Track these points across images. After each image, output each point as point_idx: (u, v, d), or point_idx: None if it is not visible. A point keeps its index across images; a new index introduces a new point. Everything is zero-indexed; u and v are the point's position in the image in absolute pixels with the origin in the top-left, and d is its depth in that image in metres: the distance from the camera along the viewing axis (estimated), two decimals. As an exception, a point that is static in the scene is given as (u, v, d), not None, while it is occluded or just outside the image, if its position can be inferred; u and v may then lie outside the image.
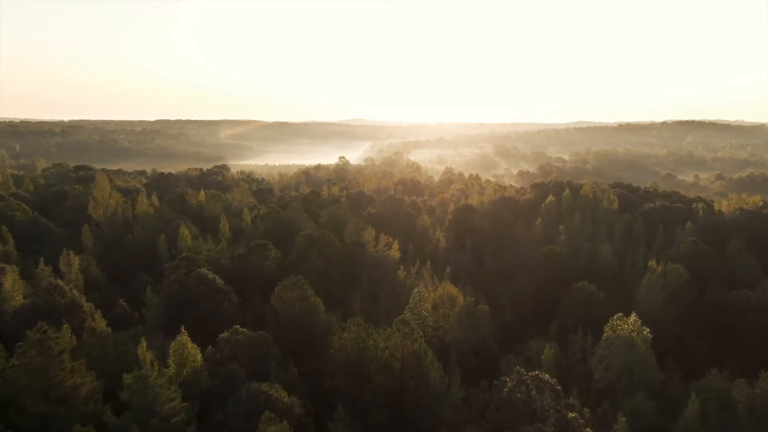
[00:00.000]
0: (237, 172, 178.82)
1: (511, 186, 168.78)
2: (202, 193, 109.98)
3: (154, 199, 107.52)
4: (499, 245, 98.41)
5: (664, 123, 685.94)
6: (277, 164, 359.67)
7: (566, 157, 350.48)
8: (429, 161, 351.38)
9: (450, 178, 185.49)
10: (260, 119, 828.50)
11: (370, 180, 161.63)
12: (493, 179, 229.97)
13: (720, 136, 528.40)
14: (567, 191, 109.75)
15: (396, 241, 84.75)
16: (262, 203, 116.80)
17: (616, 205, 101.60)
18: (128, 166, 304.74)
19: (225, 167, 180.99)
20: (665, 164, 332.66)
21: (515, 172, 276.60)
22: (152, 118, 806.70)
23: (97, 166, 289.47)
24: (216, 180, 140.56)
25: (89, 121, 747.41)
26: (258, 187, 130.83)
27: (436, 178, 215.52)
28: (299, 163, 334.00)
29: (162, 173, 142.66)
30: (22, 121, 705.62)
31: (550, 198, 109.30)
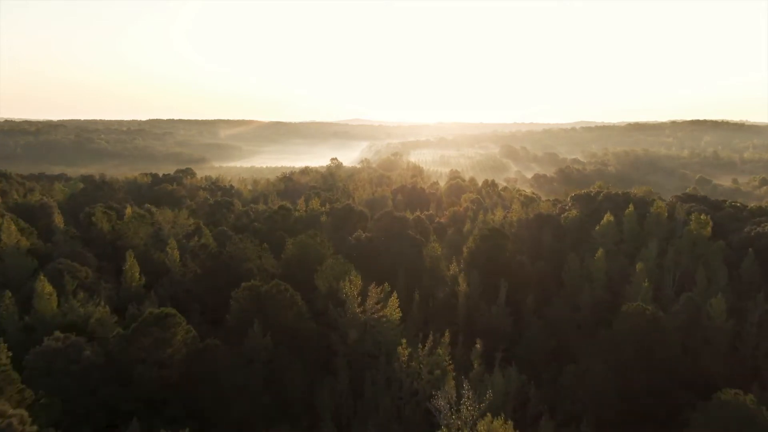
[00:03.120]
0: (202, 178, 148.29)
1: (533, 193, 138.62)
2: (129, 210, 79.74)
3: (58, 220, 77.24)
4: (546, 292, 68.12)
5: (674, 122, 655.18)
6: (264, 166, 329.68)
7: (582, 159, 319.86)
8: (431, 163, 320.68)
9: (459, 184, 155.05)
10: (259, 119, 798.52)
11: (362, 188, 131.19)
12: (504, 183, 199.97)
13: (738, 135, 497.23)
14: (631, 207, 79.31)
15: (395, 293, 54.16)
16: (213, 223, 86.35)
17: (709, 230, 71.13)
18: (97, 169, 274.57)
19: (190, 171, 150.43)
20: (690, 166, 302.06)
21: (529, 175, 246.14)
22: (144, 118, 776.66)
23: (59, 169, 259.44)
24: (165, 190, 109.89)
25: (78, 120, 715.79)
26: (215, 199, 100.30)
27: (442, 183, 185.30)
28: (289, 165, 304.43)
29: (95, 181, 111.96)
30: (6, 120, 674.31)
31: (608, 218, 78.90)
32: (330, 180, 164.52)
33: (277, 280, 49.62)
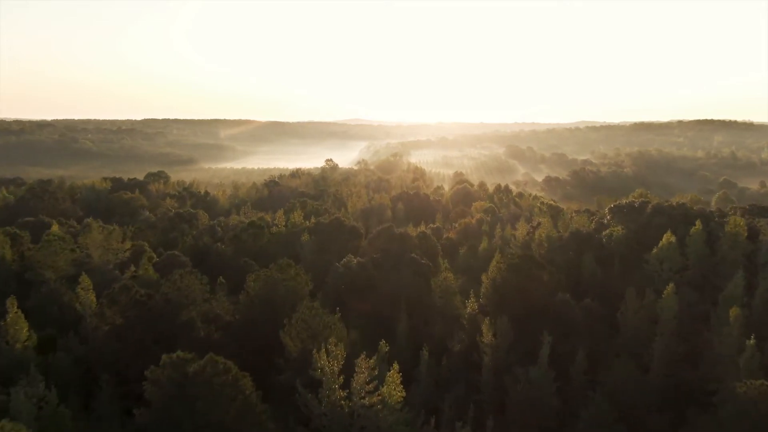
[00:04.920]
0: (175, 182, 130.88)
1: (552, 201, 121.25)
2: (55, 228, 62.58)
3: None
4: (598, 344, 50.63)
5: (681, 122, 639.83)
6: (256, 167, 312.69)
7: (593, 159, 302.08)
8: (433, 164, 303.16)
9: (467, 189, 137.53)
10: (258, 119, 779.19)
11: (357, 195, 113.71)
12: (513, 186, 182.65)
13: (750, 135, 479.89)
14: (698, 225, 61.81)
15: (395, 366, 36.47)
16: (166, 243, 68.97)
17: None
18: (77, 170, 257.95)
19: (162, 175, 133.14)
20: (708, 167, 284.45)
21: (539, 178, 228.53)
22: (140, 117, 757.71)
23: (36, 171, 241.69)
24: (120, 200, 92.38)
25: (72, 120, 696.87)
26: (177, 210, 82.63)
27: (446, 187, 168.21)
28: (283, 166, 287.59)
29: (36, 187, 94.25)
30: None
31: (668, 238, 61.33)
32: (322, 184, 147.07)
33: (210, 356, 32.05)
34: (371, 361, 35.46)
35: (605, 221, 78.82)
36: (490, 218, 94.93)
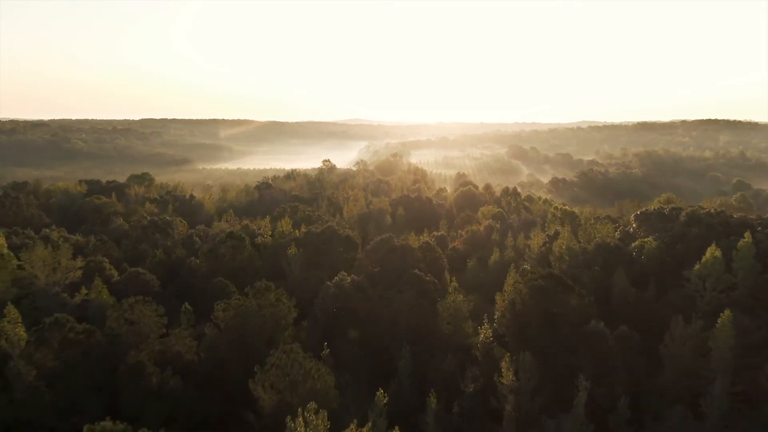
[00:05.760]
0: (159, 184, 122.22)
1: (564, 205, 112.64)
2: (0, 240, 54.13)
3: None
4: (638, 383, 42.07)
5: (684, 121, 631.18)
6: (252, 168, 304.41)
7: (599, 160, 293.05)
8: (434, 165, 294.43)
9: (471, 192, 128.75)
10: (258, 119, 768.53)
11: (355, 199, 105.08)
12: (519, 188, 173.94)
13: (756, 135, 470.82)
14: (748, 237, 53.16)
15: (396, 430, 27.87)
16: (134, 258, 60.37)
17: None
18: (67, 171, 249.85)
19: (147, 176, 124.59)
20: (718, 168, 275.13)
21: (545, 179, 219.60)
22: (138, 117, 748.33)
23: (23, 171, 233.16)
24: (91, 205, 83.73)
25: (69, 120, 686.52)
26: (152, 218, 73.88)
27: (449, 189, 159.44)
28: (280, 167, 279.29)
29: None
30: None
31: (713, 252, 52.69)
32: (317, 186, 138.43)
33: (144, 434, 23.41)
34: (364, 430, 26.96)
35: (631, 230, 70.36)
36: (499, 225, 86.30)
